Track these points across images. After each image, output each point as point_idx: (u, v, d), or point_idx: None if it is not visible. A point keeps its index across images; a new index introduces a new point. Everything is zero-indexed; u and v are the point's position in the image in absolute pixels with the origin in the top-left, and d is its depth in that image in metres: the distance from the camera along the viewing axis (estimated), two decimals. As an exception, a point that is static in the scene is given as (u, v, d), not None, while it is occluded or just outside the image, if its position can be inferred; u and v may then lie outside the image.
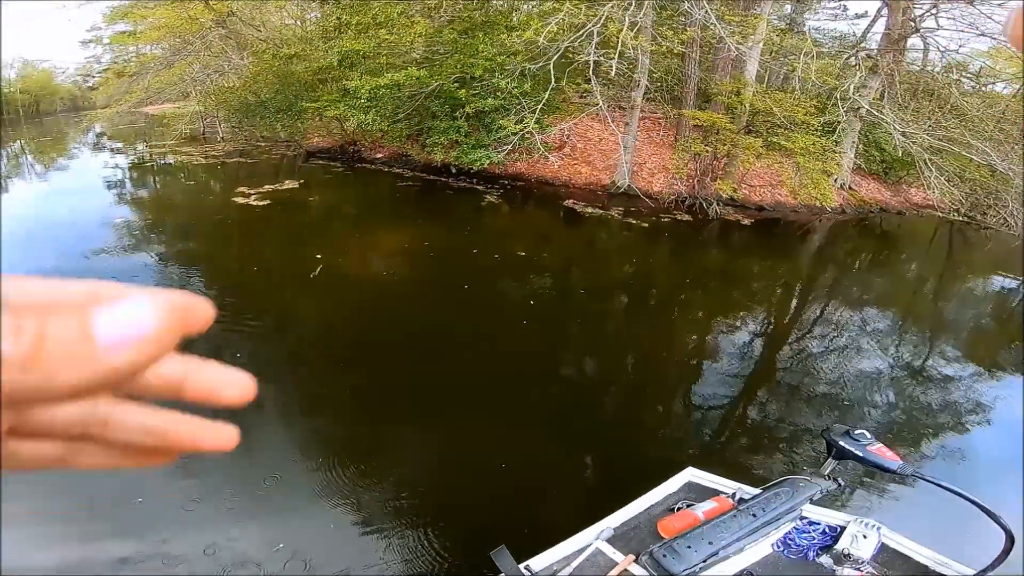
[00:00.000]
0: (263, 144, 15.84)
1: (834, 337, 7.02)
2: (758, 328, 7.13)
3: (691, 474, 2.59)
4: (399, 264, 7.83)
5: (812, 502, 2.26)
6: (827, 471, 2.27)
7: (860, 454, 2.12)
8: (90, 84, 30.68)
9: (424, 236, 8.97)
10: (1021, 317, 8.95)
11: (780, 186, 12.55)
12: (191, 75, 16.50)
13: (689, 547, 2.05)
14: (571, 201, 11.61)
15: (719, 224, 11.33)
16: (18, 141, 20.85)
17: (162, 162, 15.09)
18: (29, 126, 26.04)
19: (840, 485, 2.09)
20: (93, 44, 25.53)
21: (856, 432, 2.25)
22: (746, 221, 11.59)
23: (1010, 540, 1.75)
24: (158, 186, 12.99)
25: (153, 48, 19.16)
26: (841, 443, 2.20)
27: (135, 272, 7.04)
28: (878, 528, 2.16)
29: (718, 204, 11.52)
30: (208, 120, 17.78)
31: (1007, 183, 11.80)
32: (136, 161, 15.53)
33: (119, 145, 18.32)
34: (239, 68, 15.85)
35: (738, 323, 7.15)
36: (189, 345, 0.20)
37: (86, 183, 12.46)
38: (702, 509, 2.27)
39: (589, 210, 11.08)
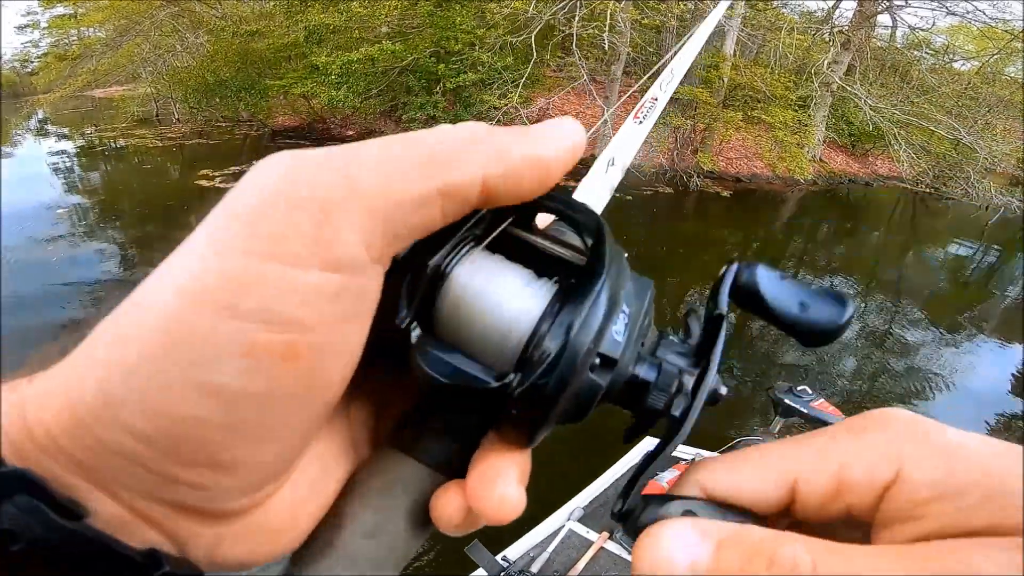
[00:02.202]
0: (224, 124, 15.09)
1: None
2: None
3: (650, 444, 2.65)
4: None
5: None
6: (776, 429, 2.32)
7: (804, 410, 2.18)
8: (29, 70, 28.82)
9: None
10: (977, 282, 9.29)
11: (756, 158, 12.65)
12: (141, 56, 15.58)
13: None
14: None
15: (700, 196, 11.34)
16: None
17: (114, 146, 14.20)
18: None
19: None
20: (30, 29, 23.99)
21: (798, 388, 2.35)
22: (725, 193, 11.64)
23: None
24: (111, 171, 12.22)
25: (96, 31, 18.06)
26: (787, 400, 2.29)
27: (91, 261, 6.55)
28: None
29: (698, 177, 11.52)
30: (161, 101, 16.85)
31: (970, 155, 12.17)
32: (85, 146, 14.58)
33: (66, 131, 17.19)
34: (195, 47, 15.05)
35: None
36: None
37: (32, 171, 11.60)
38: (666, 479, 2.30)
39: (572, 183, 10.77)
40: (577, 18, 9.19)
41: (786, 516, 0.22)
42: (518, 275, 0.22)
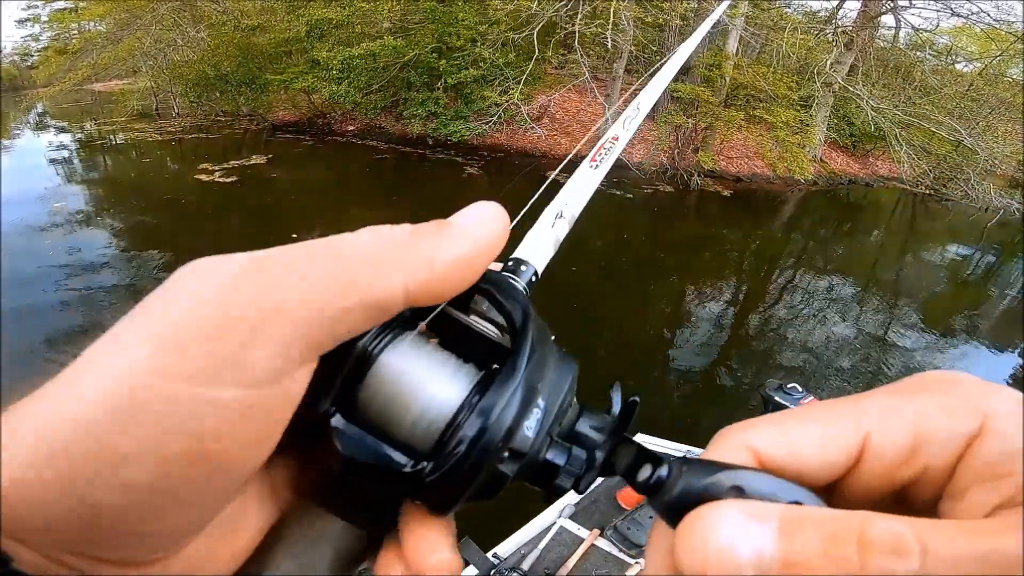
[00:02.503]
0: (224, 119, 15.04)
1: (799, 304, 7.16)
2: (729, 296, 7.18)
3: (641, 440, 2.69)
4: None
5: None
6: None
7: (793, 408, 2.18)
8: (29, 63, 28.72)
9: (404, 211, 8.61)
10: (975, 284, 9.30)
11: (756, 157, 12.63)
12: (141, 50, 15.52)
13: (651, 517, 2.04)
14: (552, 172, 11.37)
15: (701, 195, 11.33)
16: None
17: (113, 140, 14.15)
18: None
19: None
20: (31, 23, 23.91)
21: (788, 386, 2.36)
22: (726, 192, 11.63)
23: None
24: (111, 164, 12.16)
25: (97, 24, 17.99)
26: (776, 398, 2.31)
27: (90, 253, 6.52)
28: None
29: (698, 175, 11.50)
30: (161, 95, 16.79)
31: (970, 157, 12.17)
32: (84, 139, 14.52)
33: (64, 124, 17.13)
34: (195, 41, 14.99)
35: (710, 291, 7.20)
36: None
37: (29, 163, 11.55)
38: None
39: (563, 176, 10.86)
40: (580, 15, 9.17)
41: (828, 492, 0.20)
42: (443, 363, 0.23)
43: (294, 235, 5.84)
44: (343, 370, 0.21)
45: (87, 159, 12.37)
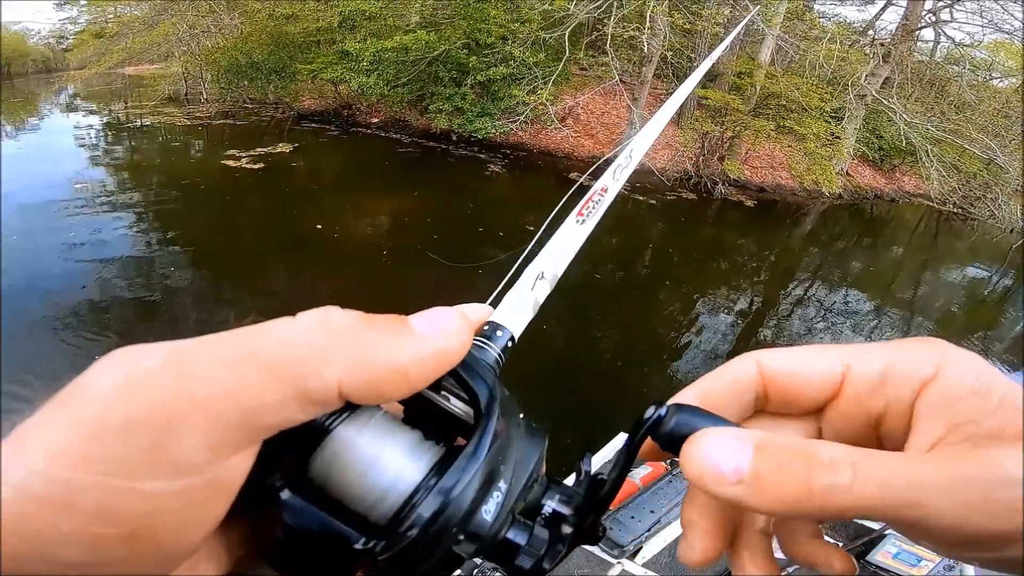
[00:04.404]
0: (251, 106, 15.21)
1: (813, 317, 7.12)
2: (743, 306, 7.14)
3: (624, 440, 2.68)
4: (404, 237, 7.45)
5: None
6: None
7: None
8: (64, 46, 29.27)
9: (427, 205, 8.64)
10: (992, 305, 9.13)
11: (781, 168, 12.50)
12: (176, 35, 15.75)
13: (633, 517, 2.19)
14: (576, 173, 11.36)
15: (724, 204, 11.23)
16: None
17: (142, 123, 14.37)
18: (-2, 87, 24.73)
19: None
20: (69, 6, 24.39)
21: None
22: (749, 203, 11.52)
23: None
24: (139, 147, 12.34)
25: (133, 9, 18.30)
26: None
27: (112, 234, 6.63)
28: None
29: (723, 184, 11.41)
30: (191, 81, 17.02)
31: (999, 176, 11.94)
32: (112, 121, 14.76)
33: (94, 106, 17.43)
34: (229, 28, 15.18)
35: (724, 301, 7.14)
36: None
37: (60, 144, 11.75)
38: (639, 476, 2.41)
39: (590, 181, 10.84)
40: (614, 18, 9.14)
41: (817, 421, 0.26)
42: (402, 439, 0.23)
43: (319, 225, 5.86)
44: (294, 446, 0.21)
45: (114, 141, 12.57)
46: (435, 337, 0.21)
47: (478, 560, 0.22)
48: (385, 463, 0.21)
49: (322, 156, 11.53)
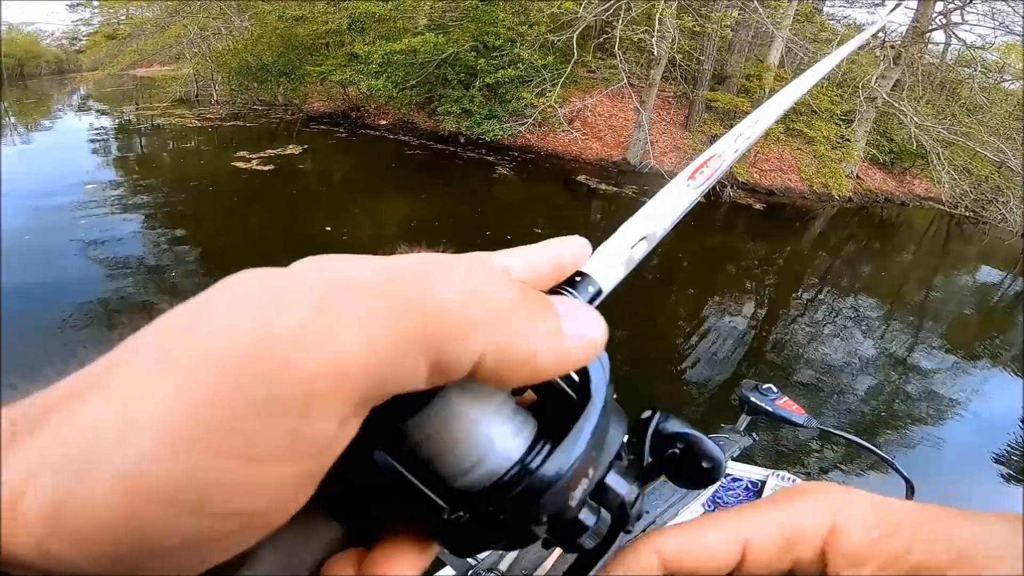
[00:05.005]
0: (260, 107, 15.32)
1: (821, 322, 7.06)
2: (750, 311, 7.07)
3: None
4: (412, 240, 7.43)
5: (732, 459, 2.27)
6: (742, 427, 2.27)
7: (769, 408, 2.14)
8: (77, 47, 29.61)
9: (435, 207, 8.67)
10: (1004, 310, 9.04)
11: (790, 171, 12.44)
12: (187, 37, 15.91)
13: None
14: (583, 176, 11.37)
15: (733, 207, 11.19)
16: (1, 103, 19.98)
17: (153, 124, 14.50)
18: (12, 88, 25.01)
19: (755, 439, 2.11)
20: (82, 7, 24.66)
21: (764, 387, 2.30)
22: (758, 206, 11.46)
23: (910, 489, 1.83)
24: (150, 147, 12.45)
25: (145, 11, 18.49)
26: (752, 398, 2.23)
27: (122, 232, 6.68)
28: (794, 480, 2.28)
29: (731, 187, 11.37)
30: (201, 83, 17.17)
31: (1011, 179, 11.83)
32: (125, 123, 14.90)
33: (105, 107, 17.60)
34: (239, 30, 15.30)
35: (731, 305, 7.10)
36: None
37: (71, 144, 11.89)
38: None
39: (603, 187, 10.86)
40: (623, 20, 9.14)
41: None
42: (508, 413, 0.22)
43: (327, 227, 5.89)
44: (397, 405, 0.20)
45: (125, 142, 12.69)
46: (577, 346, 0.21)
47: (472, 561, 0.23)
48: (487, 432, 0.21)
49: (331, 158, 11.59)
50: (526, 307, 0.20)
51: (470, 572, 2.06)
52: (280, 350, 0.15)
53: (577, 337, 0.21)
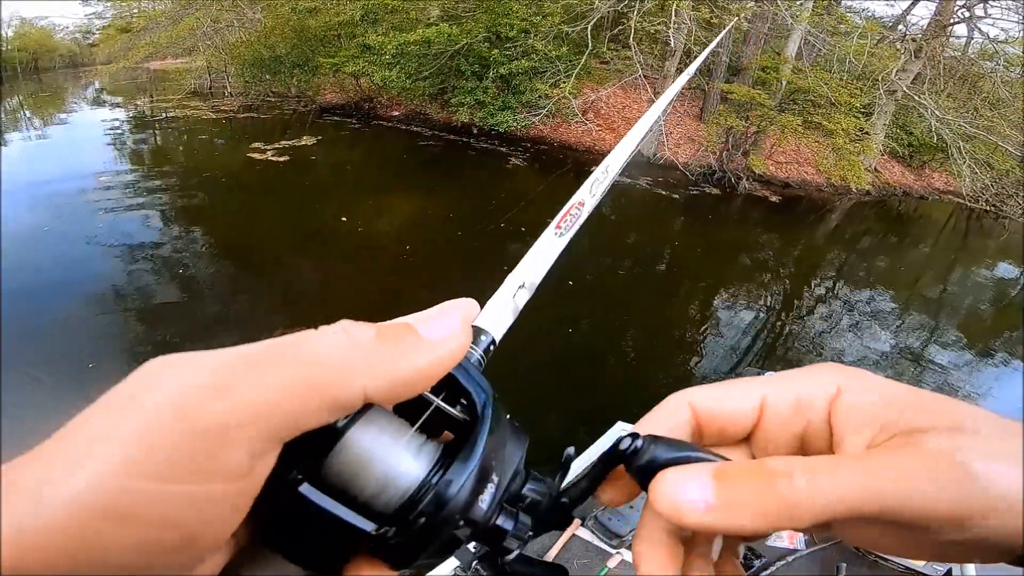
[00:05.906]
0: (273, 99, 15.33)
1: (836, 315, 6.98)
2: (764, 303, 7.01)
3: (620, 429, 2.63)
4: (426, 231, 7.44)
5: None
6: None
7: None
8: (90, 41, 29.80)
9: (448, 198, 8.63)
10: (1020, 305, 8.86)
11: (807, 164, 12.28)
12: (200, 30, 15.92)
13: (631, 507, 2.17)
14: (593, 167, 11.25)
15: (748, 200, 11.06)
16: (16, 96, 20.12)
17: (166, 116, 14.55)
18: (27, 82, 25.20)
19: None
20: (95, 1, 24.79)
21: (766, 374, 2.36)
22: (774, 198, 11.33)
23: None
24: (165, 140, 12.49)
25: (158, 4, 18.53)
26: None
27: (136, 224, 6.70)
28: None
29: (747, 180, 11.23)
30: (215, 75, 17.21)
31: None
32: (137, 115, 14.97)
33: (119, 100, 17.69)
34: (252, 22, 15.30)
35: (745, 297, 7.04)
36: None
37: (86, 137, 11.96)
38: None
39: (617, 178, 10.73)
40: (637, 11, 9.03)
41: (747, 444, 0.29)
42: (408, 439, 0.25)
43: (344, 217, 5.89)
44: (312, 442, 0.23)
45: (140, 134, 12.74)
46: (442, 343, 0.25)
47: (473, 547, 0.27)
48: (395, 459, 0.24)
49: (344, 149, 11.58)
50: (385, 335, 0.23)
51: (473, 562, 2.03)
52: (196, 399, 0.19)
53: (438, 338, 0.25)
